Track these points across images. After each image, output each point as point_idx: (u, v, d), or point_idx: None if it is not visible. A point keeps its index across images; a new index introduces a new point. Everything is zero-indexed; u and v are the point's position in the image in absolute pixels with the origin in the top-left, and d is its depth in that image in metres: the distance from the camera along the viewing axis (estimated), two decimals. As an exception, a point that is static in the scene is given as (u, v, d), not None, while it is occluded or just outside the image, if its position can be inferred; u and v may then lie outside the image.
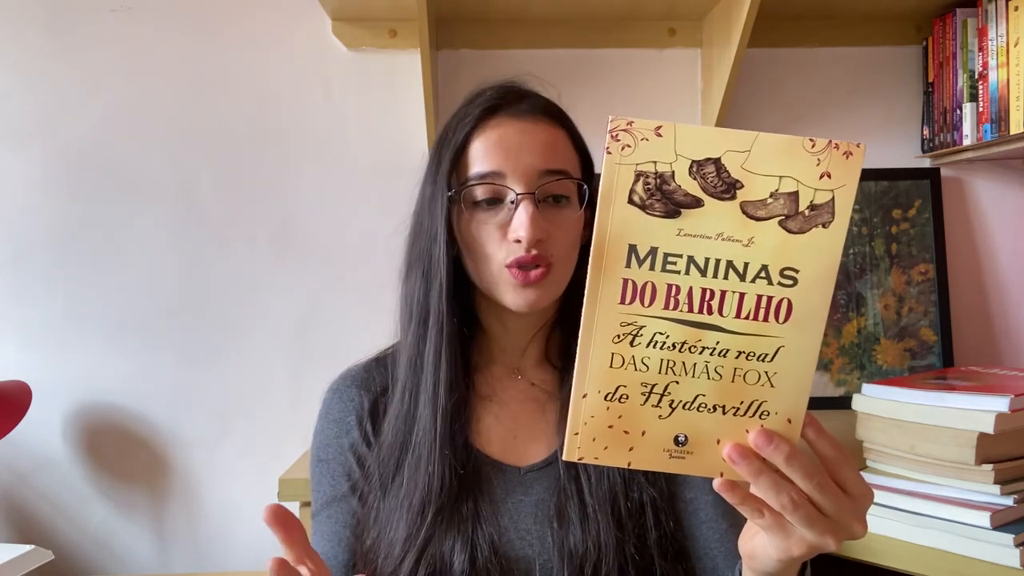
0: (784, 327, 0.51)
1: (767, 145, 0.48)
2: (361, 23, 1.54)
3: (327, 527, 0.83)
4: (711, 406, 0.52)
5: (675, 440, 0.53)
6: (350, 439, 0.85)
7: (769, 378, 0.52)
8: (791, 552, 0.56)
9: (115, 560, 1.56)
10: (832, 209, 0.49)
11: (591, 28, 1.56)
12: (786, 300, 0.50)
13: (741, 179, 0.48)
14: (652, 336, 0.50)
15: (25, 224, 1.55)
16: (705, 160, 0.48)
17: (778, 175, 0.48)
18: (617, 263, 0.49)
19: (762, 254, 0.49)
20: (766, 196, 0.48)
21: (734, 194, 0.48)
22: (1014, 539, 0.80)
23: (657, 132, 0.48)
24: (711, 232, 0.49)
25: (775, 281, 0.50)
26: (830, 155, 0.48)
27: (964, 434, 0.83)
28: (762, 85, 1.59)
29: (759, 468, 0.52)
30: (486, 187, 0.79)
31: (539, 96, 0.85)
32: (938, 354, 1.52)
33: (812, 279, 0.50)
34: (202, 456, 1.56)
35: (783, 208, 0.49)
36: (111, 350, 1.55)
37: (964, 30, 1.44)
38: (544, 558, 0.77)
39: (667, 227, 0.49)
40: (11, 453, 1.54)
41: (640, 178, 0.48)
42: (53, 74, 1.54)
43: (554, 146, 0.80)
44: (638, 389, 0.51)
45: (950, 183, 1.58)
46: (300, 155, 1.57)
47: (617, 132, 0.48)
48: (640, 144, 0.48)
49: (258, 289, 1.56)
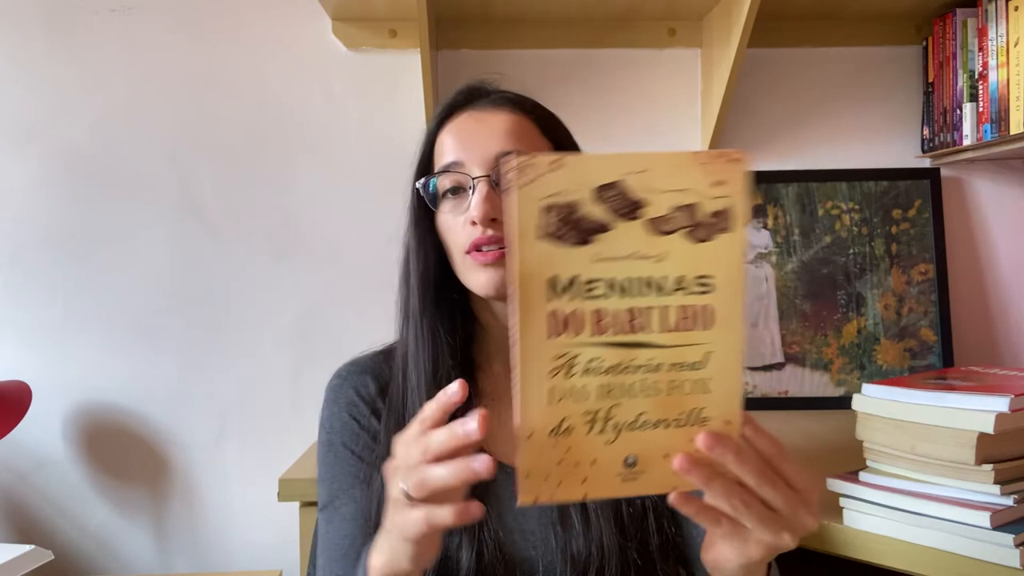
0: (709, 332, 0.52)
1: (662, 163, 0.49)
2: (361, 23, 1.54)
3: (348, 509, 0.81)
4: (654, 422, 0.53)
5: (625, 462, 0.53)
6: (362, 421, 0.84)
7: (704, 384, 0.53)
8: (751, 555, 0.56)
9: (115, 560, 1.56)
10: (730, 214, 0.50)
11: (591, 28, 1.56)
12: (706, 306, 0.51)
13: (643, 198, 0.49)
14: (586, 364, 0.51)
15: (25, 224, 1.55)
16: (607, 185, 0.48)
17: (676, 189, 0.49)
18: (540, 298, 0.49)
19: (676, 266, 0.50)
20: (668, 211, 0.49)
21: (639, 213, 0.49)
22: (1014, 539, 0.80)
23: (558, 164, 0.48)
24: (624, 253, 0.49)
25: (693, 290, 0.51)
26: (719, 165, 0.49)
27: (964, 434, 0.83)
28: (762, 85, 1.59)
29: (709, 474, 0.53)
30: (448, 177, 0.80)
31: (506, 91, 0.85)
32: (938, 354, 1.52)
33: (726, 282, 0.51)
34: (202, 456, 1.56)
35: (686, 220, 0.50)
36: (111, 350, 1.55)
37: (964, 30, 1.44)
38: (548, 560, 0.77)
39: (582, 254, 0.49)
40: (11, 453, 1.54)
41: (549, 211, 0.48)
42: (53, 74, 1.54)
43: (515, 132, 0.80)
44: (581, 419, 0.52)
45: (950, 183, 1.58)
46: (300, 155, 1.57)
47: (519, 169, 0.48)
48: (544, 177, 0.48)
49: (258, 289, 1.56)
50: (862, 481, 0.92)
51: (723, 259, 0.51)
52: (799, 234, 1.55)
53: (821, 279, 1.54)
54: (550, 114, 0.86)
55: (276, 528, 1.53)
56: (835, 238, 1.55)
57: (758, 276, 1.55)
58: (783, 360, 1.54)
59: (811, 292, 1.54)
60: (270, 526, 1.54)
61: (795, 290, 1.55)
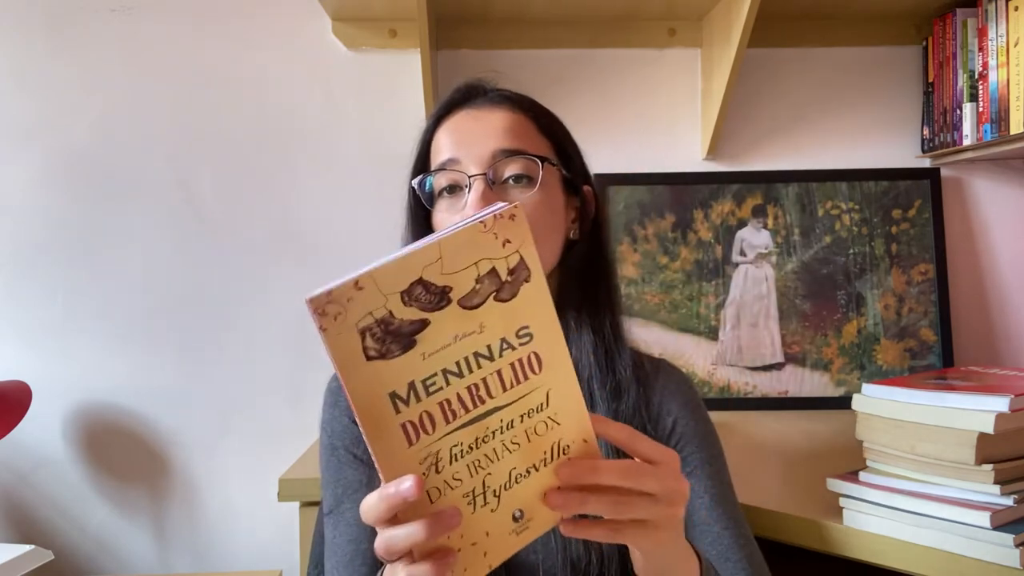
0: (542, 375, 0.54)
1: (452, 246, 0.50)
2: (361, 23, 1.54)
3: (353, 514, 0.80)
4: (524, 471, 0.54)
5: (513, 518, 0.55)
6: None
7: (554, 420, 0.55)
8: (660, 542, 0.58)
9: (115, 560, 1.56)
10: (524, 264, 0.52)
11: (591, 28, 1.56)
12: (532, 353, 0.53)
13: (447, 284, 0.50)
14: (449, 453, 0.52)
15: (25, 224, 1.55)
16: (410, 286, 0.49)
17: (473, 263, 0.50)
18: (388, 417, 0.50)
19: (496, 331, 0.52)
20: (473, 285, 0.51)
21: (448, 299, 0.50)
22: (1014, 539, 0.80)
23: (357, 287, 0.48)
24: (448, 340, 0.50)
25: (517, 345, 0.53)
26: (500, 225, 0.51)
27: (964, 434, 0.83)
28: (762, 85, 1.59)
29: (580, 497, 0.54)
30: (444, 175, 0.80)
31: (502, 89, 0.85)
32: (938, 354, 1.52)
33: (542, 326, 0.53)
34: (202, 456, 1.56)
35: (491, 286, 0.51)
36: (111, 350, 1.55)
37: (964, 30, 1.44)
38: (548, 564, 0.77)
39: (411, 359, 0.50)
40: (11, 453, 1.54)
41: (365, 333, 0.49)
42: (53, 74, 1.54)
43: (512, 129, 0.80)
44: (463, 502, 0.53)
45: (950, 183, 1.58)
46: (300, 155, 1.57)
47: (322, 307, 0.48)
48: (348, 305, 0.48)
49: (258, 289, 1.56)
50: (862, 481, 0.92)
51: (533, 307, 0.53)
52: (799, 234, 1.55)
53: (821, 279, 1.54)
54: (547, 112, 0.86)
55: (276, 528, 1.53)
56: (835, 238, 1.55)
57: (758, 276, 1.55)
58: (783, 360, 1.54)
59: (811, 292, 1.54)
60: (270, 526, 1.54)
61: (795, 290, 1.55)
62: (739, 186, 1.56)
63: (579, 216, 0.86)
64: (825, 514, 0.95)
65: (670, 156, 1.59)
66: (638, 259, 1.56)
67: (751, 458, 1.23)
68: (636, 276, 1.55)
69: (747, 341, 1.54)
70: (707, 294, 1.55)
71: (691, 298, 1.55)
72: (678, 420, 0.84)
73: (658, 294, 1.55)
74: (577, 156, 0.87)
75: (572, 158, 0.86)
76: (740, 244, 1.56)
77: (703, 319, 1.55)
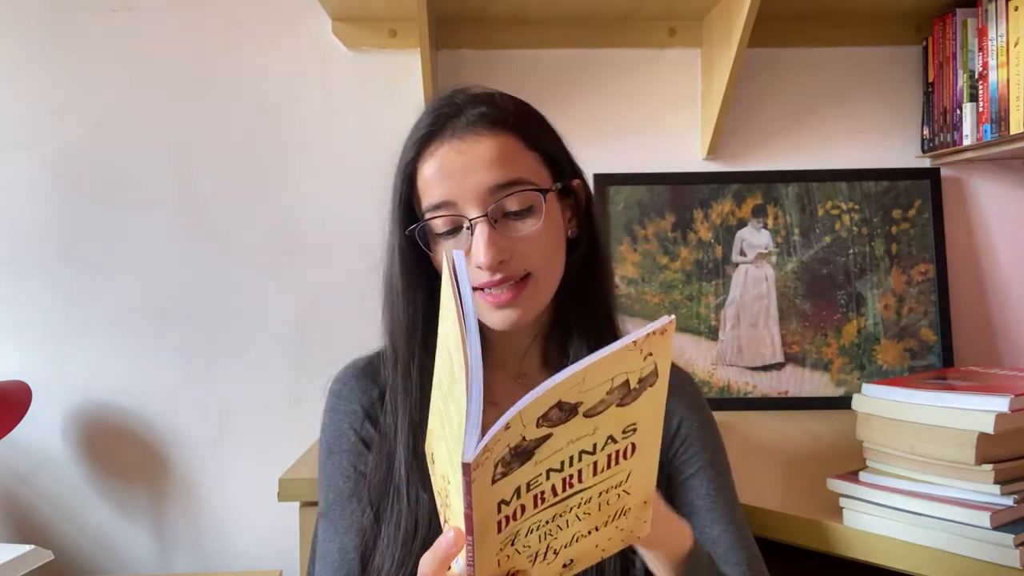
0: (632, 459, 0.54)
1: (598, 368, 0.49)
2: (361, 23, 1.54)
3: (344, 522, 0.81)
4: (586, 532, 0.55)
5: (563, 566, 0.57)
6: (359, 432, 0.83)
7: (626, 491, 0.55)
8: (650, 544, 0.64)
9: (115, 560, 1.56)
10: (656, 372, 0.51)
11: (591, 28, 1.56)
12: (631, 444, 0.53)
13: (579, 401, 0.49)
14: (527, 531, 0.52)
15: (25, 224, 1.55)
16: (548, 410, 0.48)
17: (610, 378, 0.49)
18: (491, 517, 0.50)
19: (606, 430, 0.51)
20: (603, 397, 0.50)
21: (576, 412, 0.49)
22: (1014, 539, 0.80)
23: (506, 428, 0.47)
24: (562, 445, 0.50)
25: (620, 439, 0.52)
26: (650, 341, 0.49)
27: (964, 434, 0.83)
28: (762, 85, 1.59)
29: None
30: (442, 220, 0.76)
31: (476, 104, 0.78)
32: (938, 354, 1.52)
33: (650, 422, 0.53)
34: (202, 456, 1.56)
35: (618, 396, 0.50)
36: (111, 350, 1.55)
37: (964, 30, 1.44)
38: None
39: (526, 469, 0.50)
40: (11, 453, 1.54)
41: (498, 464, 0.48)
42: (53, 74, 1.54)
43: (501, 158, 0.75)
44: (526, 563, 0.54)
45: (950, 183, 1.58)
46: (300, 155, 1.57)
47: (475, 466, 0.47)
48: (495, 447, 0.48)
49: (258, 289, 1.56)
50: (862, 481, 0.92)
51: (648, 407, 0.52)
52: (799, 234, 1.55)
53: (821, 279, 1.54)
54: (531, 119, 0.81)
55: (276, 528, 1.53)
56: (835, 238, 1.55)
57: (758, 276, 1.55)
58: (783, 360, 1.54)
59: (811, 292, 1.54)
60: (270, 526, 1.54)
61: (795, 290, 1.55)
62: (739, 186, 1.56)
63: (573, 212, 0.84)
64: (825, 514, 0.95)
65: (670, 156, 1.59)
66: (638, 259, 1.56)
67: (751, 458, 1.23)
68: (636, 276, 1.55)
69: (747, 341, 1.54)
70: (707, 294, 1.55)
71: (691, 298, 1.55)
72: (683, 421, 0.84)
73: (658, 294, 1.55)
74: (563, 154, 0.83)
75: (560, 161, 0.82)
76: (740, 244, 1.56)
77: (703, 319, 1.55)
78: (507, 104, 0.80)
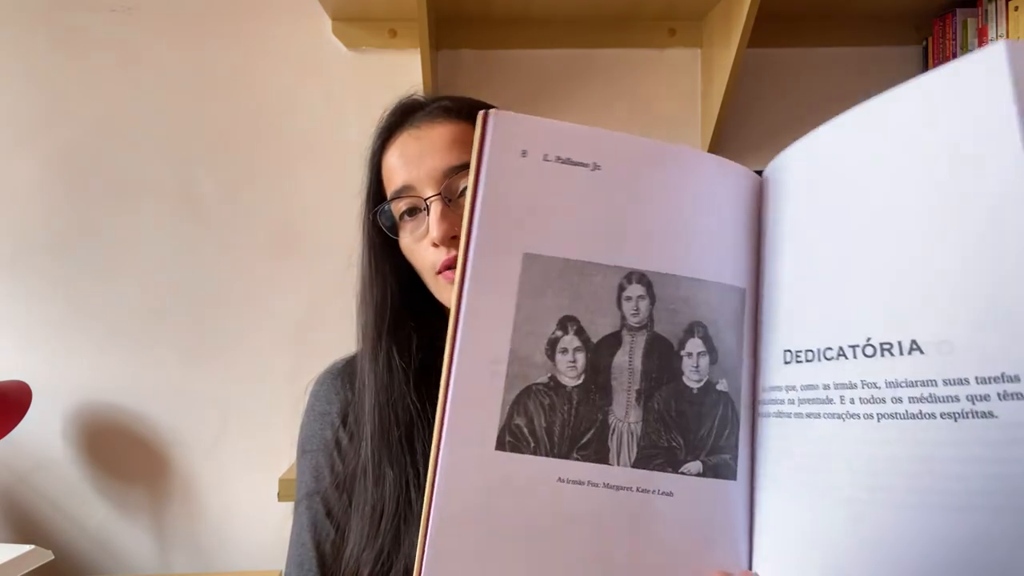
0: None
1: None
2: (361, 23, 1.54)
3: (305, 518, 0.83)
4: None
5: None
6: (333, 433, 0.86)
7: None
8: None
9: (115, 560, 1.56)
10: None
11: (591, 28, 1.56)
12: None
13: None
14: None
15: (25, 224, 1.55)
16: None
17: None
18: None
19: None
20: None
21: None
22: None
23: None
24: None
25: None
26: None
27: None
28: (762, 85, 1.59)
29: None
30: (401, 201, 0.79)
31: (440, 98, 0.82)
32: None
33: None
34: (202, 456, 1.56)
35: None
36: (111, 350, 1.55)
37: (964, 30, 1.44)
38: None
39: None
40: (11, 453, 1.54)
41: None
42: (53, 74, 1.54)
43: (456, 141, 0.77)
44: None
45: (950, 183, 1.58)
46: (300, 155, 1.57)
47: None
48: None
49: (258, 289, 1.56)
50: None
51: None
52: (799, 234, 1.55)
53: (821, 279, 1.54)
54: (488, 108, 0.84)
55: (276, 528, 1.53)
56: (835, 238, 1.55)
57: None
58: (783, 360, 1.53)
59: (811, 292, 1.54)
60: (270, 526, 1.54)
61: (795, 290, 1.54)
62: (739, 186, 1.56)
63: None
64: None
65: (670, 156, 1.59)
66: (638, 259, 1.55)
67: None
68: (636, 276, 1.55)
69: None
70: (707, 294, 1.55)
71: (691, 298, 1.55)
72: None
73: (658, 294, 1.55)
74: None
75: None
76: (740, 244, 1.56)
77: (703, 319, 1.54)
78: (467, 99, 0.83)
